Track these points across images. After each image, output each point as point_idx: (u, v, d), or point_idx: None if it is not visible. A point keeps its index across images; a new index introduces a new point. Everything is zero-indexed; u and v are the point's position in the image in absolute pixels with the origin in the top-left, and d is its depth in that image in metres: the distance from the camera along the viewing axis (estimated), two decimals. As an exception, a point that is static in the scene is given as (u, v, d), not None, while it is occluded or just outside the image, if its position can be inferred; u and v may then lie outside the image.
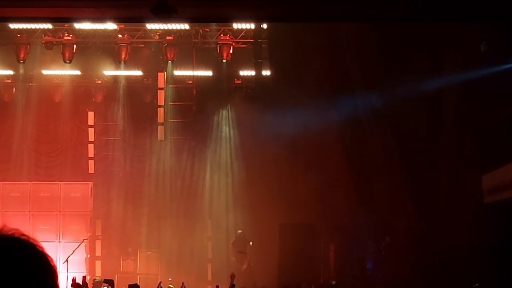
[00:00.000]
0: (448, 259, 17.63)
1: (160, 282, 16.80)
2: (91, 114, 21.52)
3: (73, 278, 17.20)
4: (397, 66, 17.70)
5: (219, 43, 20.10)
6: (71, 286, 16.41)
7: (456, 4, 11.62)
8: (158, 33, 20.28)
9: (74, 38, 20.10)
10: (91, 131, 21.50)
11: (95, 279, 18.34)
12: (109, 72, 21.32)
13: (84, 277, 18.47)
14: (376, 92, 18.28)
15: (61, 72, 21.25)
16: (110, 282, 16.00)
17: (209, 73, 21.35)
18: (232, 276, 15.68)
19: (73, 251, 19.20)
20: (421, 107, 18.20)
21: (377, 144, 18.59)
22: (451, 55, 17.90)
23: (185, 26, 19.25)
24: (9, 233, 2.14)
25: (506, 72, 16.19)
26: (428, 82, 17.82)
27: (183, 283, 16.60)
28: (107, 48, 20.60)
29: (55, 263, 2.18)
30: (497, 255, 16.03)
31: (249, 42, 20.50)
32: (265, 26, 19.46)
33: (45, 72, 21.39)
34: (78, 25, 19.07)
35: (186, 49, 20.67)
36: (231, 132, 21.28)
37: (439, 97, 18.24)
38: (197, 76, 21.49)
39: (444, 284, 17.29)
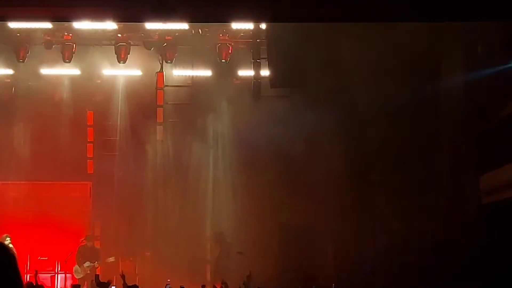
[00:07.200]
0: (446, 260, 17.66)
1: (168, 281, 16.70)
2: (90, 114, 21.57)
3: (96, 275, 17.13)
4: (396, 66, 17.72)
5: (218, 43, 20.15)
6: (94, 281, 16.35)
7: (455, 4, 11.68)
8: (157, 33, 20.32)
9: (73, 37, 20.13)
10: (90, 131, 21.55)
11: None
12: (108, 71, 21.37)
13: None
14: (375, 93, 18.31)
15: (61, 71, 21.29)
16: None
17: (208, 73, 21.42)
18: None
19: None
20: (419, 108, 18.23)
21: (375, 144, 18.62)
22: (449, 55, 17.94)
23: (185, 26, 19.29)
24: None
25: (503, 73, 16.23)
26: (426, 82, 17.86)
27: (181, 286, 16.54)
28: (106, 48, 20.64)
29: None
30: (495, 256, 16.06)
31: (247, 42, 20.55)
32: (263, 26, 19.51)
33: (44, 71, 21.42)
34: (77, 25, 19.08)
35: (185, 49, 20.73)
36: (231, 131, 21.32)
37: (436, 98, 18.28)
38: (196, 76, 21.55)
39: (443, 284, 17.33)
